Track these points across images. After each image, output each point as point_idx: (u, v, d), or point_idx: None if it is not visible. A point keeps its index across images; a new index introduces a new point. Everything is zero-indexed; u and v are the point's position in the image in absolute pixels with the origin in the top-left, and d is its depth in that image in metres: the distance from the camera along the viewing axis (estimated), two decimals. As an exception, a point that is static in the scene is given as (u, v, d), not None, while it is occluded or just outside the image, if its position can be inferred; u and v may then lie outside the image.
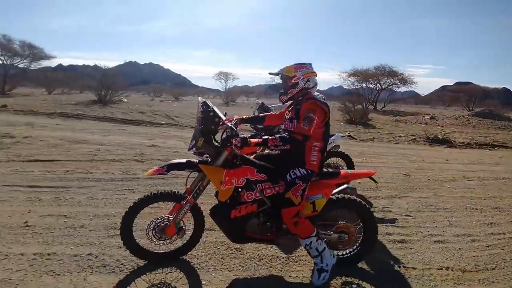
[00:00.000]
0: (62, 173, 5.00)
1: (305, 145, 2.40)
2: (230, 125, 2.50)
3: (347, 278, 2.62)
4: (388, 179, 5.74)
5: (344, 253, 2.75)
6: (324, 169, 2.63)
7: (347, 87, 34.23)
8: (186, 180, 2.62)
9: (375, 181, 2.90)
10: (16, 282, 2.33)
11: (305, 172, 2.41)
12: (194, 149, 2.48)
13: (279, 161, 2.55)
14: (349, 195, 2.67)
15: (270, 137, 2.36)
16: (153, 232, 2.56)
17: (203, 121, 2.46)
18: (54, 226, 3.21)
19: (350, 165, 4.79)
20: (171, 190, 2.71)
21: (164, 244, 2.63)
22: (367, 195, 4.73)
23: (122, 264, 2.63)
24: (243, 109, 22.65)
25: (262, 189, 2.49)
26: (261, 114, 2.90)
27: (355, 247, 2.74)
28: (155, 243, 2.60)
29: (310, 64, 2.56)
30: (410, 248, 3.22)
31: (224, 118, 2.57)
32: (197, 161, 2.55)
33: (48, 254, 2.71)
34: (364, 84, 32.66)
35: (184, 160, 2.58)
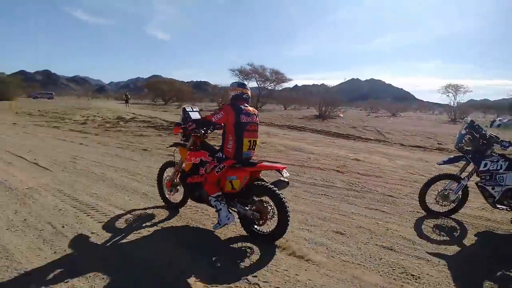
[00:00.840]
0: (279, 173, 6.36)
1: (225, 137, 3.37)
2: (192, 119, 3.64)
3: None
4: None
5: (263, 230, 3.34)
6: (252, 160, 3.49)
7: None
8: (173, 154, 4.08)
9: (281, 175, 3.31)
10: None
11: (220, 155, 3.40)
12: (180, 137, 3.91)
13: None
14: (269, 185, 3.23)
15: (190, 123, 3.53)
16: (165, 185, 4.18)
17: (182, 120, 3.85)
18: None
19: None
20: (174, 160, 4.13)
21: (174, 195, 4.14)
22: None
23: (303, 246, 3.17)
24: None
25: (209, 167, 3.42)
26: None
27: (271, 229, 3.27)
28: (167, 193, 4.16)
29: (237, 83, 3.53)
30: None
31: (195, 117, 3.76)
32: (181, 142, 3.91)
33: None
34: None
35: (180, 142, 3.93)
